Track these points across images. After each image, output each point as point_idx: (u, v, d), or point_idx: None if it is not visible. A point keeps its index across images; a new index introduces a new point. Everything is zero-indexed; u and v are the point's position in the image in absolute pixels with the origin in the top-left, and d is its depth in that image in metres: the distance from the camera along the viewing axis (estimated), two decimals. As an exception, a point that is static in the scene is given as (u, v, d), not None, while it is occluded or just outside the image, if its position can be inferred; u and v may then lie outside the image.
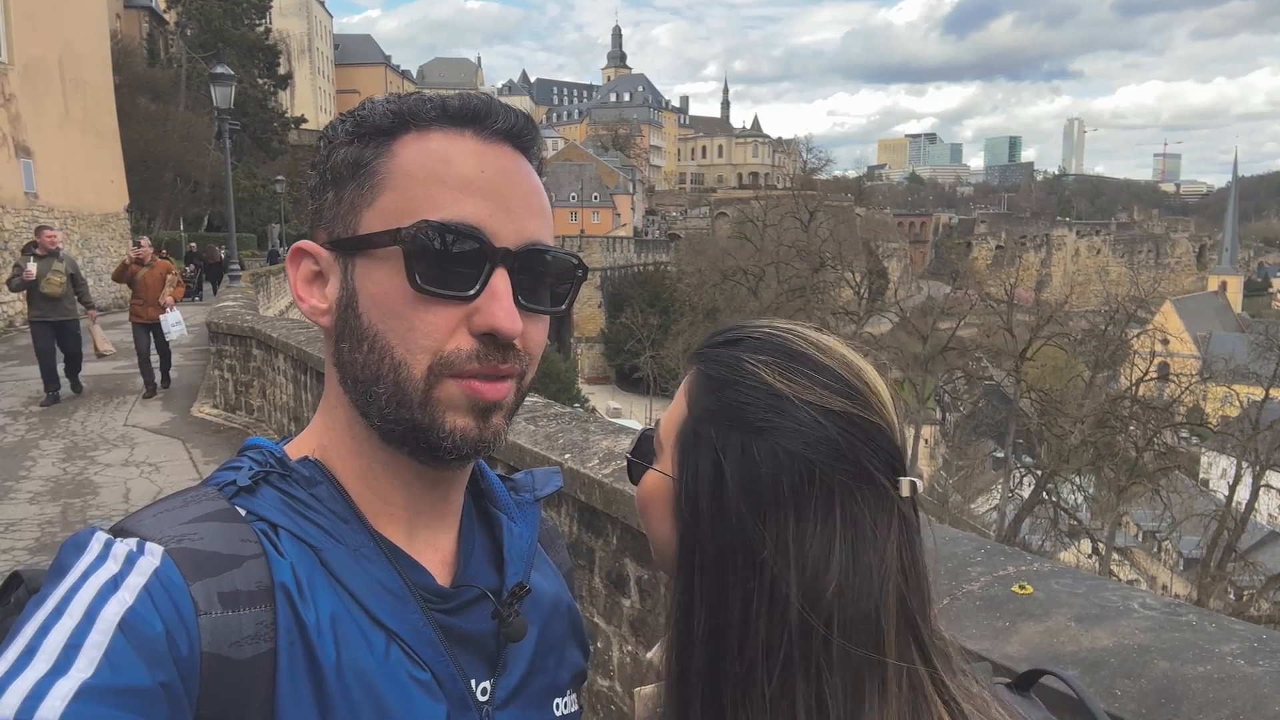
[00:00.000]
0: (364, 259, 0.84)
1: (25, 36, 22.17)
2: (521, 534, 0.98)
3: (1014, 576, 1.96)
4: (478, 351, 0.81)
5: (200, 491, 0.83)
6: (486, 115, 0.85)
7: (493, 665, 0.90)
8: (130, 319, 12.74)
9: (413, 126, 0.84)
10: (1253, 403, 32.27)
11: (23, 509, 7.55)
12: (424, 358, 0.81)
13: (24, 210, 21.49)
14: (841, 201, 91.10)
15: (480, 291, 0.81)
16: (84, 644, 0.66)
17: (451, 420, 0.82)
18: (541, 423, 4.00)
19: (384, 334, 0.82)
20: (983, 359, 39.36)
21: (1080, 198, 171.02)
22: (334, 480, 0.86)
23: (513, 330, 0.81)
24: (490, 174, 0.83)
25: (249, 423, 11.24)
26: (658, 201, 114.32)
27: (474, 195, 0.82)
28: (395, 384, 0.82)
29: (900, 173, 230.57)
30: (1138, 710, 1.45)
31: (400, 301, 0.81)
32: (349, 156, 0.85)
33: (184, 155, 39.70)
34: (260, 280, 22.37)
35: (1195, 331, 62.65)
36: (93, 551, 0.73)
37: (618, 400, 56.69)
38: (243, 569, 0.75)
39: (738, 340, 0.89)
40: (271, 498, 0.83)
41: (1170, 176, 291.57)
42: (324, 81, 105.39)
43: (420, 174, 0.82)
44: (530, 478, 1.04)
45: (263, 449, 0.88)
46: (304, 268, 0.88)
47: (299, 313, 17.75)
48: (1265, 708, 1.40)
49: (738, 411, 0.84)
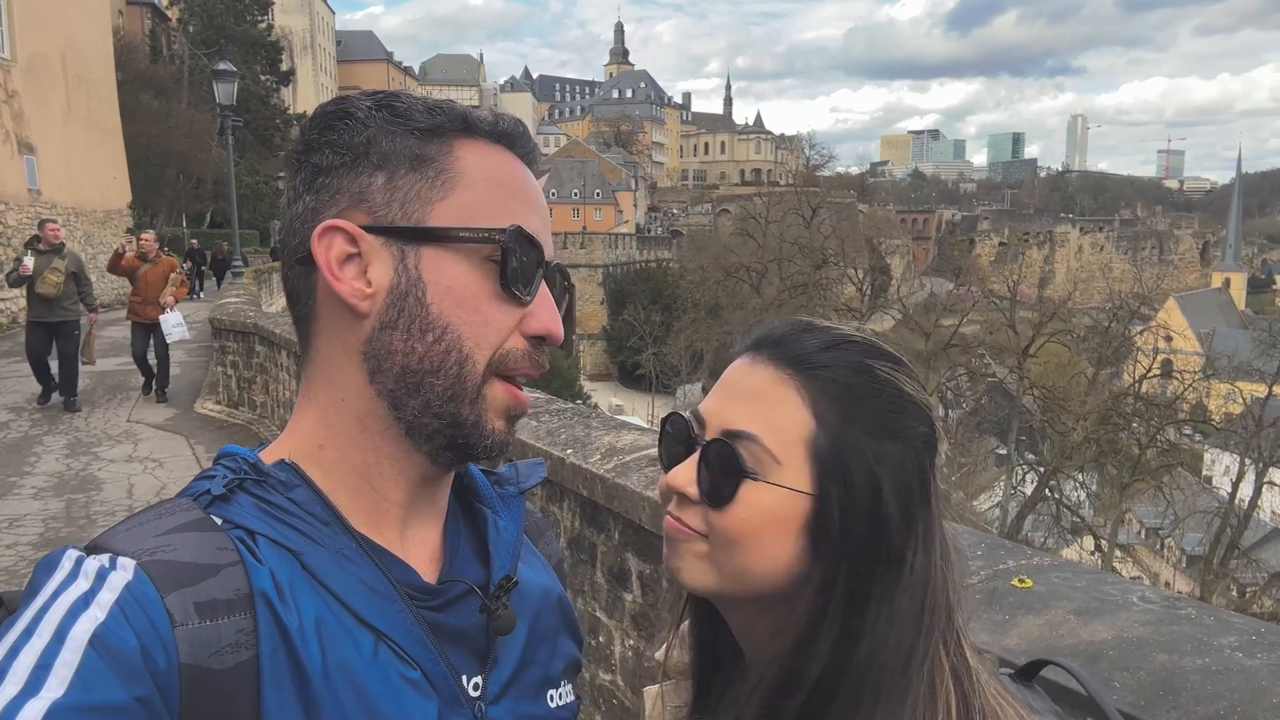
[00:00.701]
0: (436, 249, 0.84)
1: (28, 33, 22.19)
2: (506, 527, 0.98)
3: (1014, 570, 1.97)
4: (529, 352, 0.87)
5: (175, 503, 0.82)
6: (521, 138, 0.93)
7: (483, 660, 0.90)
8: (128, 316, 12.11)
9: (470, 133, 0.88)
10: (1256, 400, 32.22)
11: (27, 504, 7.58)
12: (487, 352, 0.85)
13: (27, 207, 21.53)
14: (844, 198, 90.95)
15: (534, 298, 0.87)
16: (54, 663, 0.65)
17: (492, 422, 0.86)
18: (544, 418, 4.01)
19: (456, 326, 0.84)
20: (985, 356, 39.29)
21: (1084, 194, 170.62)
22: (311, 484, 0.85)
23: (560, 334, 0.89)
24: (535, 194, 0.92)
25: (252, 419, 11.26)
26: (660, 198, 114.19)
27: (533, 210, 0.89)
28: (458, 377, 0.84)
29: (903, 169, 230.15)
30: (1136, 702, 1.46)
31: (480, 297, 0.85)
32: (407, 147, 0.86)
33: (186, 152, 39.75)
34: (263, 276, 22.39)
35: (1199, 328, 62.53)
36: (64, 570, 0.72)
37: (620, 397, 56.70)
38: (219, 578, 0.75)
39: (842, 344, 0.89)
40: (248, 505, 0.82)
41: (1174, 173, 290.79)
42: (326, 78, 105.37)
43: (494, 181, 0.88)
44: (514, 470, 1.04)
45: (236, 456, 0.87)
46: (338, 247, 0.85)
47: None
48: (1263, 699, 1.41)
49: (885, 420, 0.85)
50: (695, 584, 0.91)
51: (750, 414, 0.88)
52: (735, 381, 0.92)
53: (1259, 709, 1.39)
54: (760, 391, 0.88)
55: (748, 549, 0.87)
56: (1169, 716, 1.42)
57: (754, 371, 0.91)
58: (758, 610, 0.92)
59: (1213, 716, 1.40)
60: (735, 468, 0.86)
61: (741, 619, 0.95)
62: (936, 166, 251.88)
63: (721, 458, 0.87)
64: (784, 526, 0.86)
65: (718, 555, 0.89)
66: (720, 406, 0.91)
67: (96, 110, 26.93)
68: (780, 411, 0.87)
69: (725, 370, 0.96)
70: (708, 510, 0.88)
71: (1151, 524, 36.29)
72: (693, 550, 0.90)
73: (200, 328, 14.47)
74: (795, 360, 0.88)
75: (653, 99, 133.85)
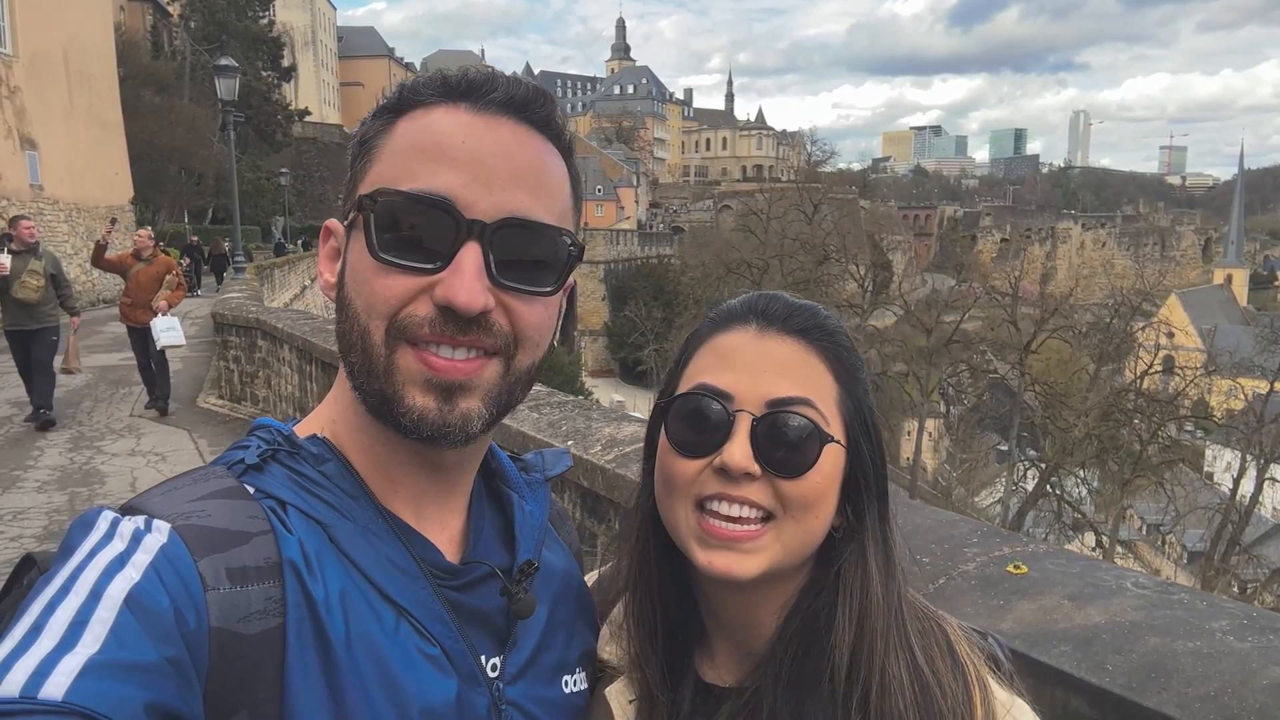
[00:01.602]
0: (353, 231, 0.85)
1: (30, 29, 22.21)
2: (532, 512, 0.99)
3: (1009, 557, 1.99)
4: (432, 318, 0.80)
5: (209, 470, 0.84)
6: (482, 86, 0.84)
7: (502, 642, 0.91)
8: (121, 319, 11.04)
9: (417, 103, 0.86)
10: (1258, 396, 32.20)
11: (30, 498, 7.61)
12: (381, 323, 0.81)
13: (29, 203, 21.57)
14: (846, 194, 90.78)
15: (446, 265, 0.80)
16: (90, 620, 0.66)
17: (412, 396, 0.81)
18: (545, 410, 4.03)
19: (354, 300, 0.84)
20: (987, 352, 39.27)
21: (1086, 190, 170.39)
22: (342, 458, 0.87)
23: (469, 304, 0.79)
24: (473, 144, 0.82)
25: (254, 413, 11.28)
26: (661, 194, 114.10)
27: (451, 166, 0.81)
28: (363, 351, 0.83)
29: (905, 165, 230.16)
30: (1128, 684, 1.48)
31: (366, 268, 0.82)
32: (359, 135, 0.88)
33: (188, 148, 39.81)
34: (265, 272, 22.42)
35: (1200, 325, 62.41)
36: (100, 530, 0.73)
37: (621, 393, 56.67)
38: (250, 545, 0.76)
39: (824, 313, 0.97)
40: (280, 475, 0.84)
41: (1176, 169, 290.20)
42: (327, 74, 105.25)
43: (404, 146, 0.83)
44: (540, 458, 1.06)
45: (271, 428, 0.89)
46: (329, 244, 0.91)
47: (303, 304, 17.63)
48: (1253, 681, 1.43)
49: (864, 375, 0.97)
50: (753, 573, 0.90)
51: (794, 383, 0.90)
52: (754, 354, 0.92)
53: (1250, 690, 1.41)
54: (792, 362, 0.92)
55: (820, 511, 0.91)
56: (1161, 698, 1.43)
57: (772, 343, 0.92)
58: (779, 580, 0.94)
59: (1204, 698, 1.42)
60: (815, 433, 0.89)
61: (755, 595, 0.95)
62: (938, 163, 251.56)
63: (793, 426, 0.89)
64: (837, 482, 0.92)
65: (785, 529, 0.90)
66: (753, 380, 0.90)
67: (98, 106, 26.95)
68: (816, 377, 0.92)
69: (712, 344, 0.95)
70: (776, 482, 0.89)
71: (1153, 520, 36.31)
72: (758, 543, 0.90)
73: (202, 323, 14.47)
74: (806, 331, 0.93)
75: (654, 95, 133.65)
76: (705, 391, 0.91)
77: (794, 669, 0.90)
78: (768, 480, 0.88)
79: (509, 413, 0.89)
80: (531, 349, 0.87)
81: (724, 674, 1.00)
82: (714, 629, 1.01)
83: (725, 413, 0.90)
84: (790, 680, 0.89)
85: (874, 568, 0.92)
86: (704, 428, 0.90)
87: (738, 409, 0.89)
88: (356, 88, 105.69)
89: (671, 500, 0.94)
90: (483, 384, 0.84)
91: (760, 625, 0.96)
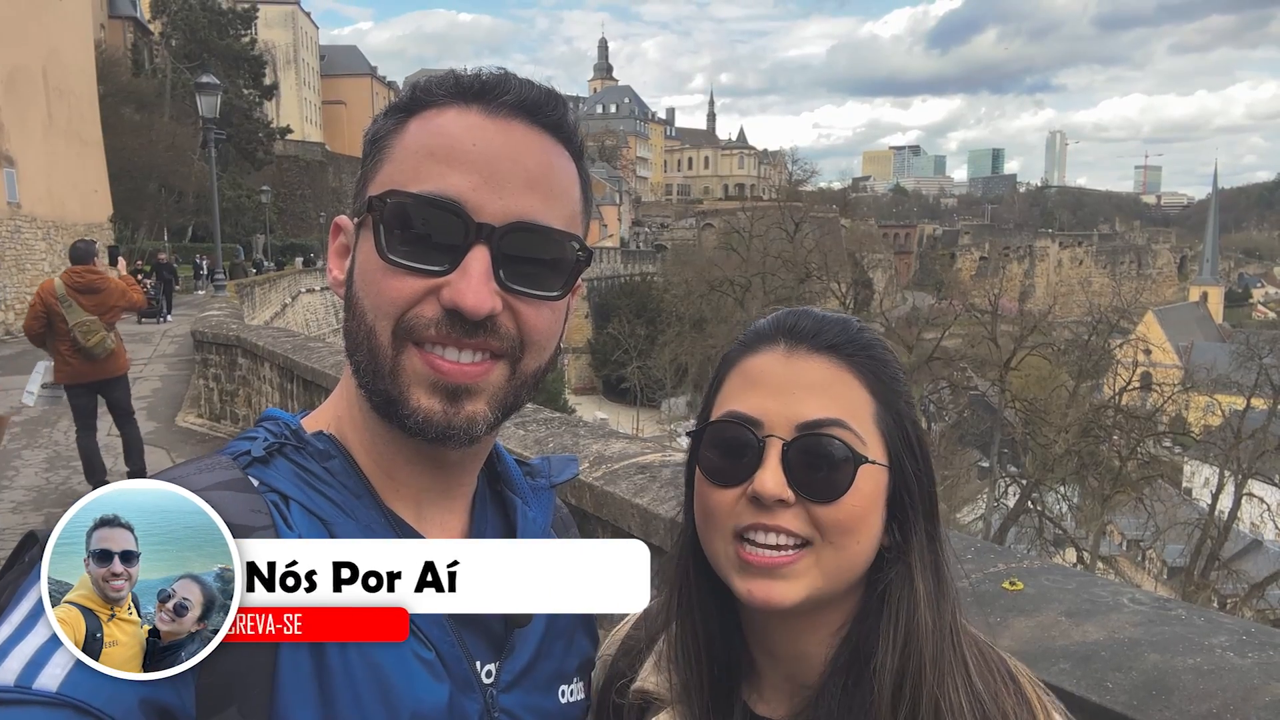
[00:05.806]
0: (363, 230, 0.85)
1: (9, 45, 22.07)
2: (535, 518, 0.97)
3: (1004, 574, 1.97)
4: (439, 320, 0.80)
5: (214, 460, 0.83)
6: (495, 88, 0.84)
7: (499, 648, 0.90)
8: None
9: (429, 104, 0.85)
10: (1234, 412, 32.52)
11: (5, 519, 7.49)
12: (388, 323, 0.81)
13: (6, 220, 21.34)
14: (827, 212, 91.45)
15: (454, 267, 0.79)
16: None
17: (417, 398, 0.81)
18: (531, 427, 3.99)
19: (362, 299, 0.83)
20: (967, 369, 39.52)
21: (1063, 209, 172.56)
22: (348, 455, 0.87)
23: (476, 307, 0.79)
24: (484, 147, 0.81)
25: (234, 432, 11.16)
26: (644, 212, 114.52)
27: (461, 168, 0.80)
28: (369, 350, 0.82)
29: (885, 184, 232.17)
30: (1129, 702, 1.46)
31: (375, 269, 0.82)
32: (371, 134, 0.87)
33: (168, 165, 39.61)
34: (245, 290, 22.27)
35: (1177, 341, 63.20)
36: None
37: (605, 410, 56.53)
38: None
39: (857, 326, 0.93)
40: (285, 470, 0.84)
41: (1151, 188, 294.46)
42: (310, 92, 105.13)
43: (414, 147, 0.83)
44: (546, 463, 1.05)
45: (279, 420, 0.89)
46: (338, 240, 0.90)
47: (283, 322, 17.45)
48: (1255, 698, 1.41)
49: (905, 388, 0.93)
50: (792, 600, 0.87)
51: (824, 403, 0.87)
52: (782, 376, 0.89)
53: (1251, 707, 1.40)
54: (822, 381, 0.88)
55: (860, 535, 0.87)
56: (1163, 715, 1.42)
57: (801, 363, 0.89)
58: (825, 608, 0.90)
59: (1206, 715, 1.40)
60: (849, 455, 0.86)
61: (801, 624, 0.92)
62: (918, 182, 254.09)
63: (825, 450, 0.86)
64: (879, 504, 0.89)
65: (825, 555, 0.87)
66: (784, 403, 0.87)
67: (78, 123, 26.79)
68: (849, 395, 0.88)
69: (741, 368, 0.92)
70: (812, 508, 0.86)
71: (1133, 535, 36.50)
72: (795, 569, 0.86)
73: (180, 341, 14.36)
74: (837, 347, 0.90)
75: (636, 114, 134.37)
76: (734, 418, 0.89)
77: (844, 699, 0.87)
78: (803, 506, 0.85)
79: (514, 413, 0.89)
80: (538, 353, 0.87)
81: (775, 707, 0.96)
82: (763, 661, 0.97)
83: (755, 439, 0.87)
84: (841, 711, 0.86)
85: (921, 590, 0.88)
86: (735, 455, 0.88)
87: (767, 434, 0.87)
88: (338, 105, 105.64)
89: (710, 532, 0.91)
90: (489, 387, 0.83)
91: (809, 656, 0.93)
